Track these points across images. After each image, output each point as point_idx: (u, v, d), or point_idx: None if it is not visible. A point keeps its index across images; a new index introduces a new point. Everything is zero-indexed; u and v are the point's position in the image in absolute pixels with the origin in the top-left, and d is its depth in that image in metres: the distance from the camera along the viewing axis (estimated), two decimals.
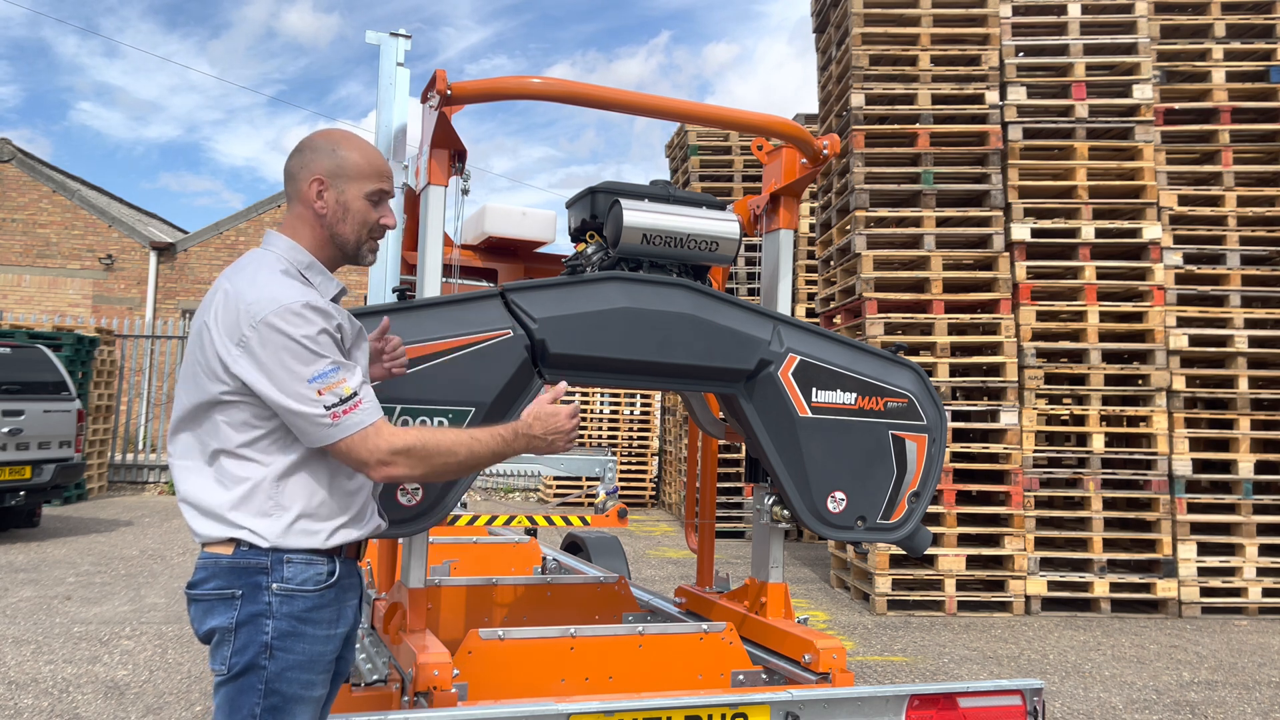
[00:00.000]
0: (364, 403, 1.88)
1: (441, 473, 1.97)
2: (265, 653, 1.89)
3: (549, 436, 2.10)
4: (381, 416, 1.90)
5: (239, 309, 1.88)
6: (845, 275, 8.36)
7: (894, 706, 2.44)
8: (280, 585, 1.89)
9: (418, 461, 1.91)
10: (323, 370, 1.85)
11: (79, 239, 19.16)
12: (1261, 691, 5.52)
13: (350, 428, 1.86)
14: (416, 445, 1.91)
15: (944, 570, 7.38)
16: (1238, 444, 7.64)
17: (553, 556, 4.68)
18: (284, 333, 1.84)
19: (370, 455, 1.87)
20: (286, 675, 1.90)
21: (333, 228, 2.06)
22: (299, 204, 2.06)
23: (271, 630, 1.89)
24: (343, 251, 2.10)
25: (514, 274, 3.83)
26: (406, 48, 3.29)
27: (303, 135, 2.14)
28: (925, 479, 3.01)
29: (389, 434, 1.89)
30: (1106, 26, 8.05)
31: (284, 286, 1.92)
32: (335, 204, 2.05)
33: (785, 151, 3.18)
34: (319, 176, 2.04)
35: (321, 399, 1.84)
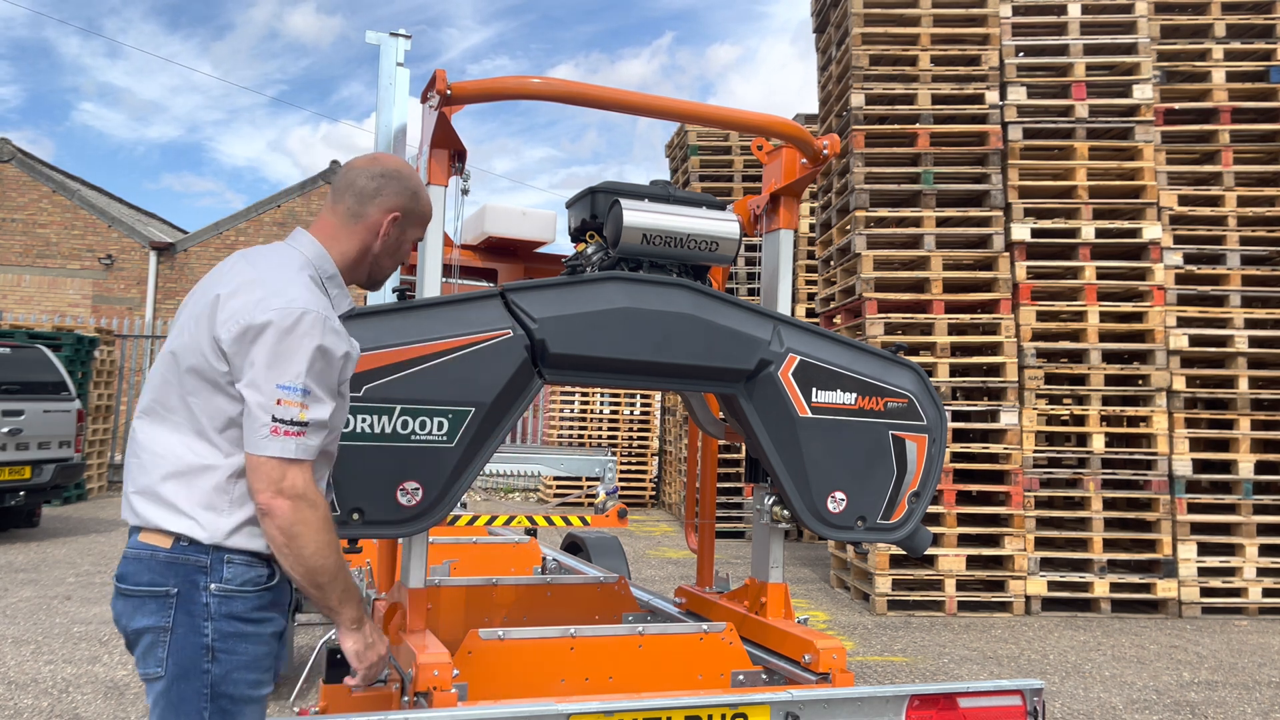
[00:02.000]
0: (305, 438, 1.84)
1: (309, 551, 1.85)
2: (207, 655, 1.84)
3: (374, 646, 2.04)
4: (310, 461, 1.86)
5: (262, 295, 1.86)
6: (845, 275, 8.36)
7: (894, 706, 2.44)
8: (219, 586, 1.86)
9: (302, 520, 1.83)
10: (295, 385, 1.83)
11: (79, 239, 19.16)
12: (1261, 691, 5.51)
13: (279, 449, 1.81)
14: (312, 507, 1.84)
15: (944, 570, 7.38)
16: (1238, 444, 7.64)
17: (553, 556, 4.68)
18: (295, 331, 1.83)
19: (271, 483, 1.82)
20: (233, 677, 1.86)
21: (379, 259, 2.10)
22: (358, 222, 2.06)
23: (211, 632, 1.85)
24: (370, 279, 2.14)
25: (514, 274, 3.83)
26: (406, 48, 3.29)
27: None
28: (925, 479, 3.01)
29: (306, 478, 1.85)
30: (1106, 26, 8.05)
31: (312, 293, 1.92)
32: (395, 240, 2.10)
33: (785, 151, 3.18)
34: (399, 212, 2.07)
35: (279, 407, 1.81)
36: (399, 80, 3.23)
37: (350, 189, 2.06)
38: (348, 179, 2.08)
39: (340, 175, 2.10)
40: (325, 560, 1.86)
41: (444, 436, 2.45)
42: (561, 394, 14.91)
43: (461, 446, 2.47)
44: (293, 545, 1.83)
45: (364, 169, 2.08)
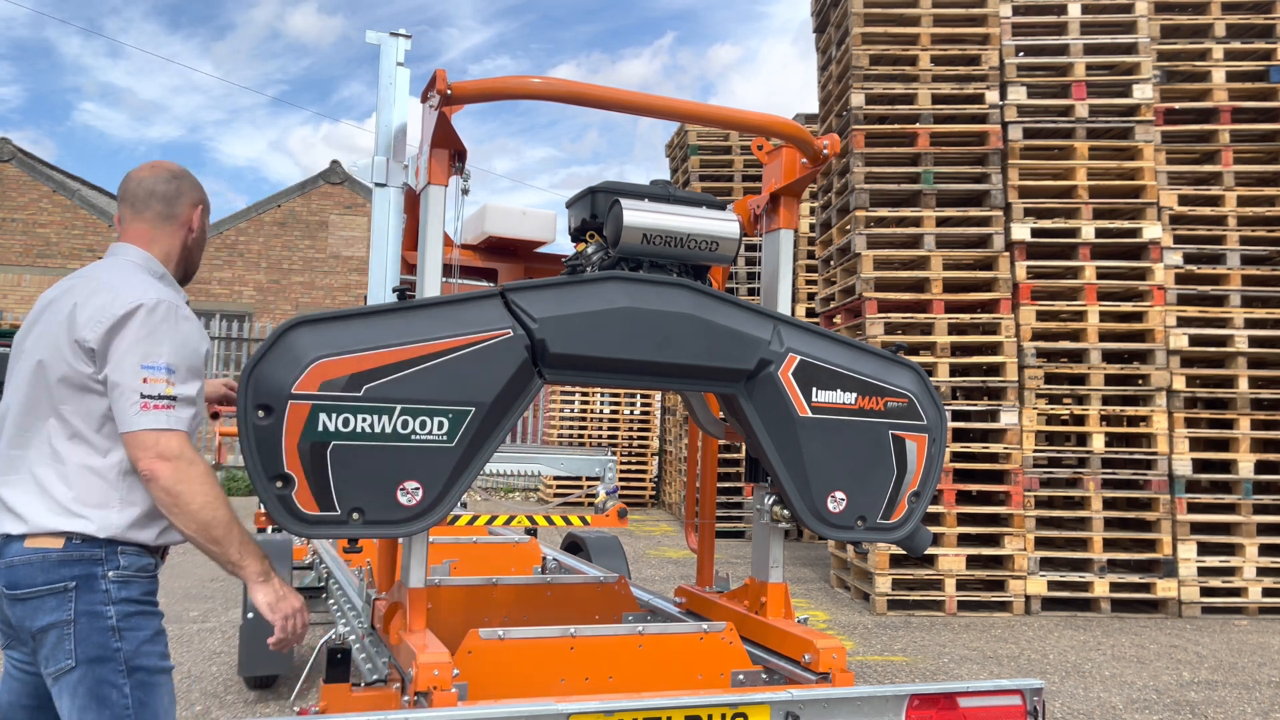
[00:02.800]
0: (175, 411, 1.98)
1: (197, 505, 1.96)
2: (114, 636, 1.95)
3: (286, 598, 2.09)
4: (184, 432, 2.00)
5: (117, 294, 2.01)
6: (845, 275, 8.36)
7: (894, 706, 2.44)
8: (117, 573, 1.97)
9: (183, 478, 1.94)
10: (159, 365, 1.97)
11: (79, 239, 19.16)
12: (1261, 691, 5.51)
13: (150, 421, 1.94)
14: (191, 464, 1.96)
15: (944, 570, 7.38)
16: (1238, 444, 7.64)
17: (553, 556, 4.68)
18: (153, 318, 1.99)
19: (148, 449, 1.93)
20: (143, 650, 1.98)
21: (193, 251, 2.30)
22: (172, 223, 2.23)
23: (114, 614, 1.96)
24: (186, 270, 2.31)
25: (514, 274, 3.83)
26: (407, 47, 3.29)
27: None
28: (925, 479, 3.01)
29: (182, 441, 1.97)
30: (1106, 26, 8.05)
31: (159, 287, 2.08)
32: (201, 231, 2.31)
33: (785, 151, 3.18)
34: (202, 203, 2.28)
35: (144, 385, 1.94)
36: (399, 80, 3.23)
37: (152, 196, 2.22)
38: (145, 188, 2.22)
39: (131, 187, 2.23)
40: (215, 513, 1.97)
41: (444, 436, 2.45)
42: (561, 394, 14.91)
43: (461, 446, 2.47)
44: (180, 503, 1.95)
45: (155, 176, 2.24)
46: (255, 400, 2.20)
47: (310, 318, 2.35)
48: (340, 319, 2.38)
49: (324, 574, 4.64)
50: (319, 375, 2.28)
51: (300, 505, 2.30)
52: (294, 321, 2.33)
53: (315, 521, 2.33)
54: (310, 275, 19.81)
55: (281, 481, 2.27)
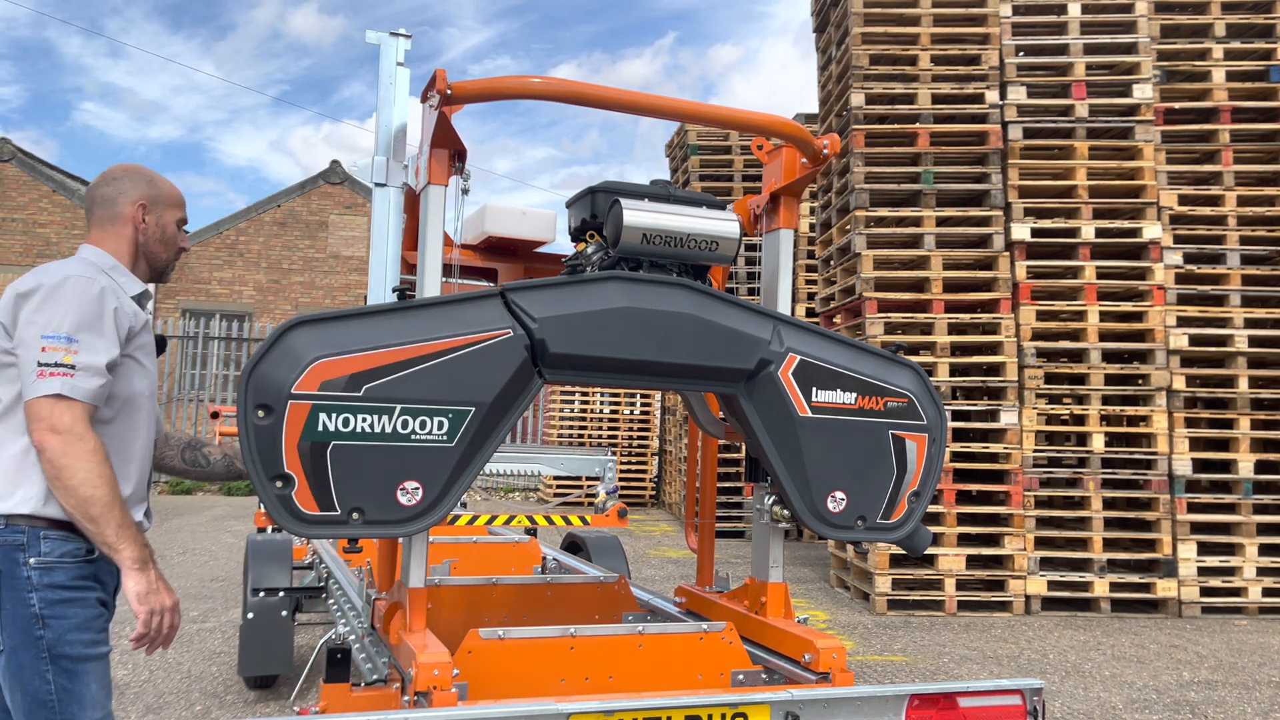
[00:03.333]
0: (75, 379, 1.96)
1: (77, 480, 1.95)
2: (38, 623, 1.96)
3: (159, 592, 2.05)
4: (84, 404, 1.97)
5: (38, 278, 2.06)
6: (845, 275, 8.36)
7: (894, 706, 2.44)
8: (39, 560, 1.98)
9: (70, 452, 1.93)
10: (58, 334, 1.97)
11: (79, 239, 19.12)
12: (1261, 691, 5.51)
13: (46, 387, 1.93)
14: (80, 440, 1.94)
15: (944, 570, 7.38)
16: (1238, 444, 7.64)
17: (553, 556, 4.68)
18: (58, 290, 2.01)
19: (41, 420, 1.93)
20: (67, 639, 1.98)
21: (148, 247, 2.30)
22: (117, 224, 2.25)
23: (37, 601, 1.96)
24: (151, 268, 2.33)
25: (514, 274, 3.83)
26: (407, 47, 3.29)
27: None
28: (925, 479, 3.01)
29: (76, 415, 1.95)
30: (1106, 26, 8.05)
31: (82, 266, 2.12)
32: (155, 226, 2.30)
33: (785, 151, 3.18)
34: (142, 201, 2.28)
35: (43, 354, 1.95)
36: (399, 80, 3.23)
37: (95, 201, 2.27)
38: (90, 196, 2.28)
39: (86, 194, 2.30)
40: (95, 490, 1.94)
41: (444, 436, 2.45)
42: (561, 394, 14.91)
43: (461, 446, 2.47)
44: (62, 477, 1.94)
45: (100, 181, 2.29)
46: (255, 400, 2.20)
47: (310, 318, 2.35)
48: (340, 319, 2.38)
49: (324, 574, 4.64)
50: (319, 375, 2.29)
51: (300, 505, 2.30)
52: (294, 321, 2.33)
53: (315, 521, 2.33)
54: (310, 275, 19.81)
55: (281, 481, 2.27)
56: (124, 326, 2.11)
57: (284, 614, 4.54)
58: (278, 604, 4.54)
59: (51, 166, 20.34)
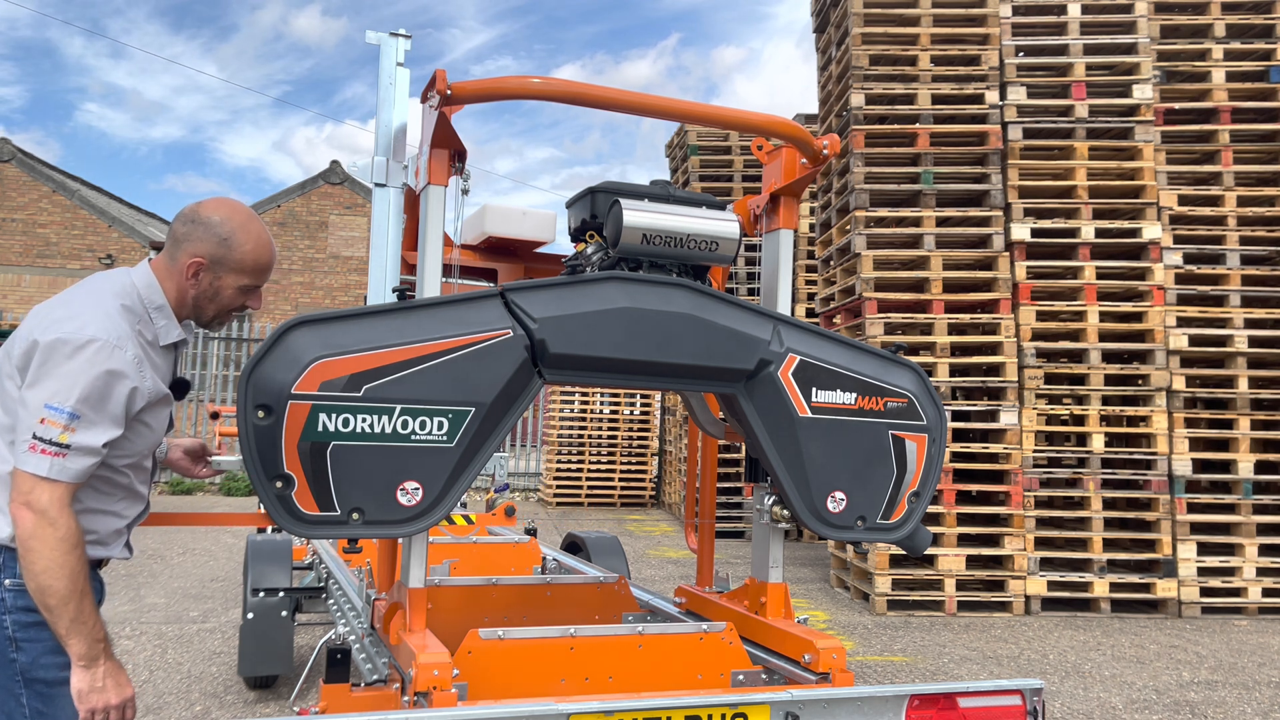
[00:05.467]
0: (66, 460, 1.88)
1: (39, 568, 1.87)
2: (11, 646, 1.92)
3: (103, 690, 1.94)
4: (67, 484, 1.90)
5: (60, 316, 1.96)
6: (845, 275, 8.36)
7: (894, 706, 2.44)
8: (13, 581, 1.93)
9: (38, 536, 1.86)
10: (62, 408, 1.89)
11: (79, 239, 19.17)
12: (1261, 691, 5.52)
13: (33, 465, 1.87)
14: (51, 526, 1.86)
15: (944, 570, 7.38)
16: (1238, 444, 7.64)
17: (553, 556, 4.68)
18: (77, 355, 1.91)
19: (20, 494, 1.88)
20: (41, 662, 1.94)
21: (197, 302, 2.19)
22: (172, 266, 2.15)
23: (10, 624, 1.93)
24: (197, 320, 2.23)
25: (514, 274, 3.83)
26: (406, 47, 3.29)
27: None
28: (925, 479, 3.01)
29: (54, 497, 1.88)
30: (1106, 26, 8.05)
31: (112, 321, 1.99)
32: (208, 286, 2.18)
33: (785, 151, 3.18)
34: (201, 260, 2.14)
35: (40, 425, 1.88)
36: (399, 80, 3.23)
37: (171, 231, 2.17)
38: (174, 222, 2.18)
39: (175, 216, 2.20)
40: (54, 581, 1.87)
41: (444, 436, 2.45)
42: (561, 394, 14.91)
43: (461, 446, 2.47)
44: (27, 558, 1.88)
45: (184, 215, 2.17)
46: (255, 400, 2.20)
47: (310, 318, 2.35)
48: (340, 319, 2.38)
49: (324, 574, 4.64)
50: (319, 375, 2.29)
51: (300, 505, 2.30)
52: (294, 321, 2.33)
53: (315, 522, 2.33)
54: (310, 275, 19.81)
55: (281, 482, 2.27)
56: (136, 406, 2.02)
57: (284, 614, 4.54)
58: (278, 604, 4.54)
59: (51, 167, 20.35)
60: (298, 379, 2.26)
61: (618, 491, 14.79)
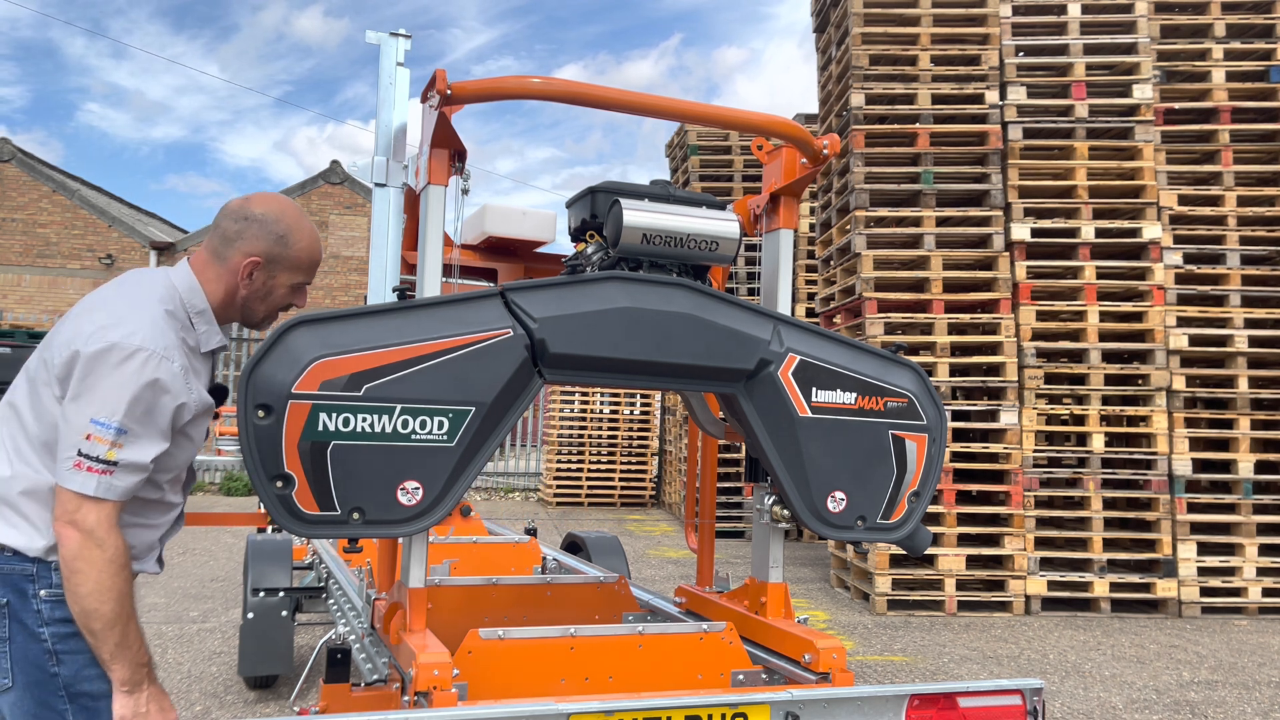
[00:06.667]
0: (113, 478, 1.80)
1: (84, 590, 1.79)
2: (51, 660, 1.84)
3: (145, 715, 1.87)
4: (114, 503, 1.82)
5: (102, 323, 1.86)
6: (845, 275, 8.36)
7: (894, 706, 2.44)
8: (49, 591, 1.85)
9: (84, 557, 1.78)
10: (110, 423, 1.80)
11: (79, 239, 19.17)
12: (1261, 691, 5.52)
13: (79, 484, 1.79)
14: (99, 547, 1.79)
15: (944, 570, 7.38)
16: (1238, 444, 7.64)
17: (553, 556, 4.68)
18: (124, 366, 1.81)
19: (66, 512, 1.79)
20: (83, 674, 1.86)
21: (248, 303, 2.10)
22: (221, 266, 2.04)
23: (49, 636, 1.84)
24: (245, 320, 2.14)
25: (514, 274, 3.83)
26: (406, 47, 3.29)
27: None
28: (925, 479, 3.01)
29: (101, 516, 1.80)
30: (1106, 26, 8.05)
31: (157, 328, 1.89)
32: (261, 285, 2.09)
33: (785, 151, 3.18)
34: (257, 259, 2.05)
35: (86, 442, 1.79)
36: (399, 80, 3.23)
37: (216, 229, 2.06)
38: (217, 218, 2.07)
39: (220, 211, 2.08)
40: (100, 605, 1.79)
41: (444, 436, 2.45)
42: (561, 394, 14.91)
43: (462, 446, 2.47)
44: (72, 580, 1.80)
45: (232, 211, 2.06)
46: (255, 400, 2.20)
47: (310, 317, 2.35)
48: (340, 319, 2.38)
49: (324, 574, 4.64)
50: (319, 375, 2.29)
51: (300, 505, 2.30)
52: (294, 321, 2.33)
53: (315, 521, 2.33)
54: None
55: (281, 481, 2.27)
56: (183, 419, 1.94)
57: (284, 614, 4.54)
58: (278, 604, 4.54)
59: (51, 166, 20.35)
60: (298, 379, 2.26)
61: (618, 491, 14.79)
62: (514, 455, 17.09)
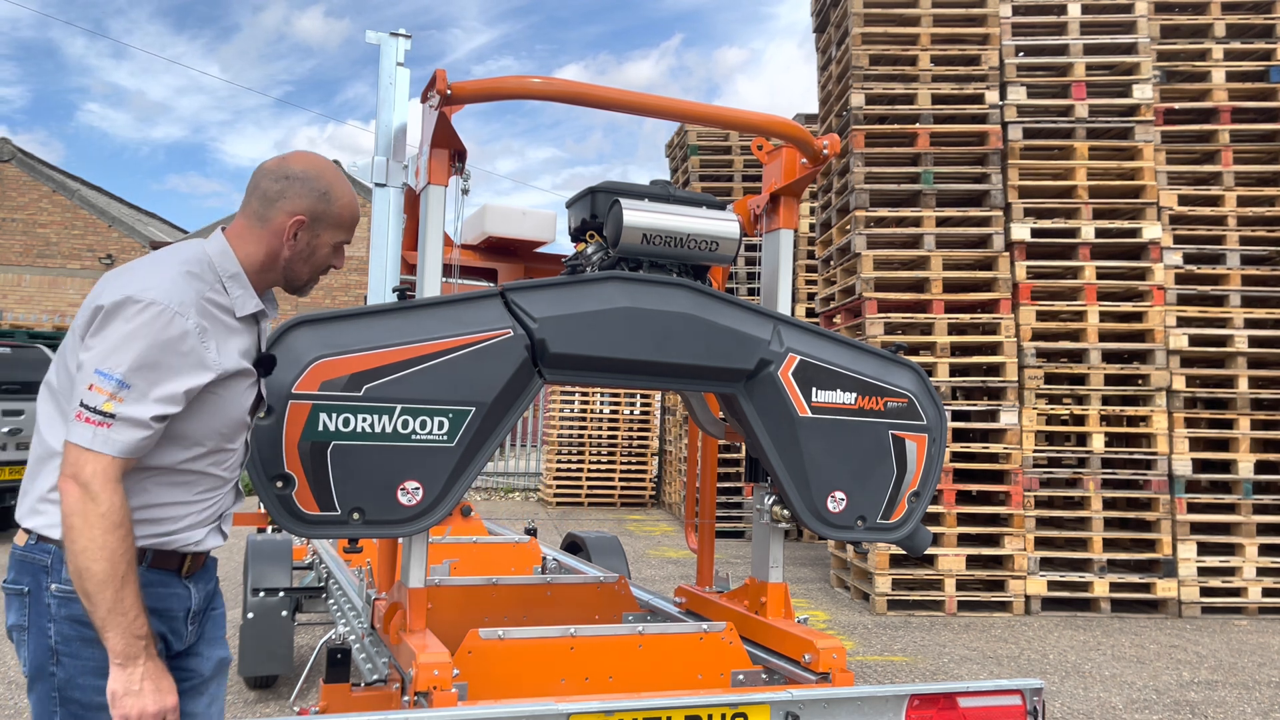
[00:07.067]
0: (111, 431, 1.71)
1: (78, 547, 1.70)
2: (52, 659, 1.78)
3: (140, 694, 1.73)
4: (113, 458, 1.72)
5: (123, 282, 1.81)
6: (845, 275, 8.36)
7: (894, 706, 2.44)
8: (59, 586, 1.78)
9: (79, 512, 1.70)
10: (112, 374, 1.73)
11: (79, 239, 19.17)
12: (1261, 691, 5.52)
13: (77, 435, 1.72)
14: (93, 501, 1.69)
15: (944, 570, 7.38)
16: (1238, 444, 7.64)
17: (553, 556, 4.68)
18: (137, 318, 1.75)
19: (68, 465, 1.72)
20: (77, 682, 1.78)
21: (292, 264, 2.02)
22: (263, 226, 1.97)
23: (54, 634, 1.78)
24: (287, 284, 2.05)
25: (514, 274, 3.83)
26: (406, 47, 3.29)
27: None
28: (925, 479, 3.02)
29: (98, 470, 1.71)
30: (1106, 26, 8.05)
31: (177, 286, 1.83)
32: (305, 245, 2.00)
33: (785, 151, 3.18)
34: (301, 217, 1.97)
35: (89, 393, 1.73)
36: (399, 80, 3.23)
37: (255, 191, 1.98)
38: (254, 180, 1.99)
39: (251, 176, 2.01)
40: (91, 562, 1.68)
41: (444, 436, 2.45)
42: (561, 394, 14.91)
43: (462, 446, 2.47)
44: (68, 536, 1.71)
45: (270, 170, 1.99)
46: None
47: (310, 318, 2.35)
48: (340, 319, 2.39)
49: (324, 574, 4.64)
50: (319, 375, 2.29)
51: (300, 505, 2.31)
52: (294, 321, 2.33)
53: (315, 521, 2.33)
54: None
55: (282, 481, 2.27)
56: (197, 381, 1.81)
57: (284, 614, 4.54)
58: (278, 604, 4.54)
59: (51, 166, 20.35)
60: (298, 379, 2.26)
61: (618, 491, 14.79)
62: (514, 455, 17.09)
